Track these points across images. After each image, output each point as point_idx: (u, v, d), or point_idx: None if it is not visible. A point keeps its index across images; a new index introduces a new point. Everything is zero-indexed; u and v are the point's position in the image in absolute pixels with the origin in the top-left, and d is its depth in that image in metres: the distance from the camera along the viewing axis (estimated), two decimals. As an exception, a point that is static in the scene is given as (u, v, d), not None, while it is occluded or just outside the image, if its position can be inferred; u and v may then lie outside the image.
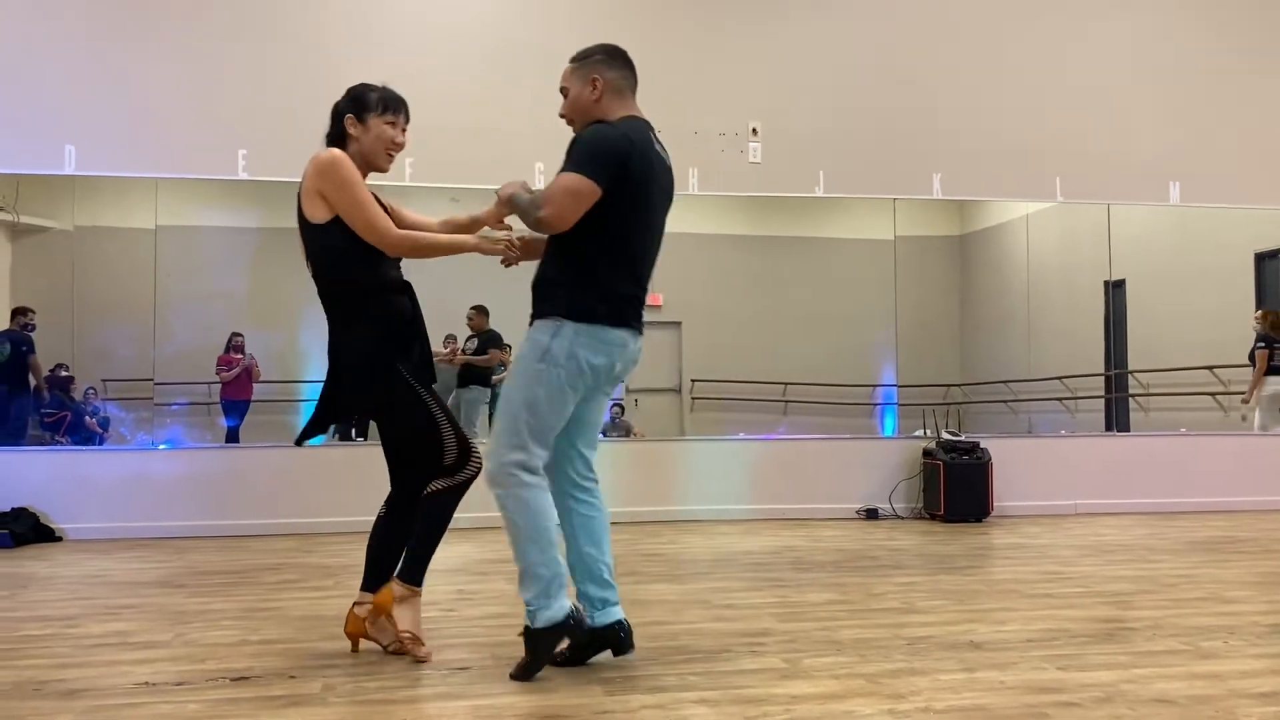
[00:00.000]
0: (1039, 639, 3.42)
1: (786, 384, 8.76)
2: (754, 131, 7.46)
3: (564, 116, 3.16)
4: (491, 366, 7.77)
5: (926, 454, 7.25)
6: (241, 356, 7.77)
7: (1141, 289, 8.65)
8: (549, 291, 3.01)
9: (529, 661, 2.96)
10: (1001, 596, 4.24)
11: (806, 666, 3.07)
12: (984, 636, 3.46)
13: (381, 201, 3.24)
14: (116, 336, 7.67)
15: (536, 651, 2.95)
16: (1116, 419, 8.66)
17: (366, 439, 6.99)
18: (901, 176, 7.62)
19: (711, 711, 2.63)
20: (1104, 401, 8.79)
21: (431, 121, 6.75)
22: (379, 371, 3.14)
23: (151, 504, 6.49)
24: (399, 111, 3.27)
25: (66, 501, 6.43)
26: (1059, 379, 8.79)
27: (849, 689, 2.82)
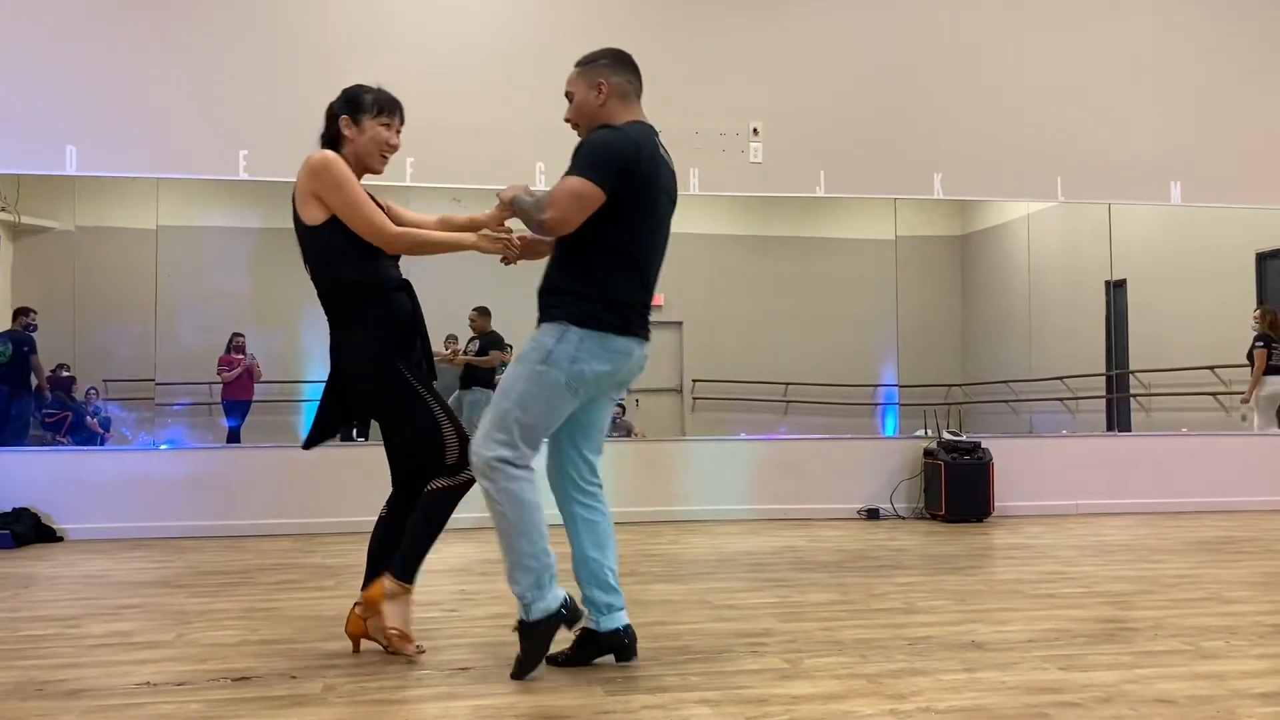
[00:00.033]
0: (1040, 639, 3.42)
1: (788, 384, 8.76)
2: (755, 132, 7.46)
3: (569, 121, 3.15)
4: (492, 367, 7.78)
5: (927, 454, 7.25)
6: (243, 357, 7.78)
7: (1143, 289, 8.65)
8: (555, 298, 2.99)
9: (525, 656, 2.95)
10: (1003, 596, 4.24)
11: (808, 667, 3.07)
12: (985, 637, 3.46)
13: (379, 201, 3.24)
14: (118, 337, 7.67)
15: (533, 644, 2.94)
16: (1118, 419, 8.66)
17: (368, 439, 6.99)
18: (902, 176, 7.62)
19: (713, 712, 2.63)
20: (1105, 401, 8.79)
21: (433, 122, 6.80)
22: (380, 370, 3.14)
23: (153, 504, 6.49)
24: (394, 113, 3.27)
25: (68, 502, 6.43)
26: (1060, 379, 8.78)
27: (850, 689, 2.82)
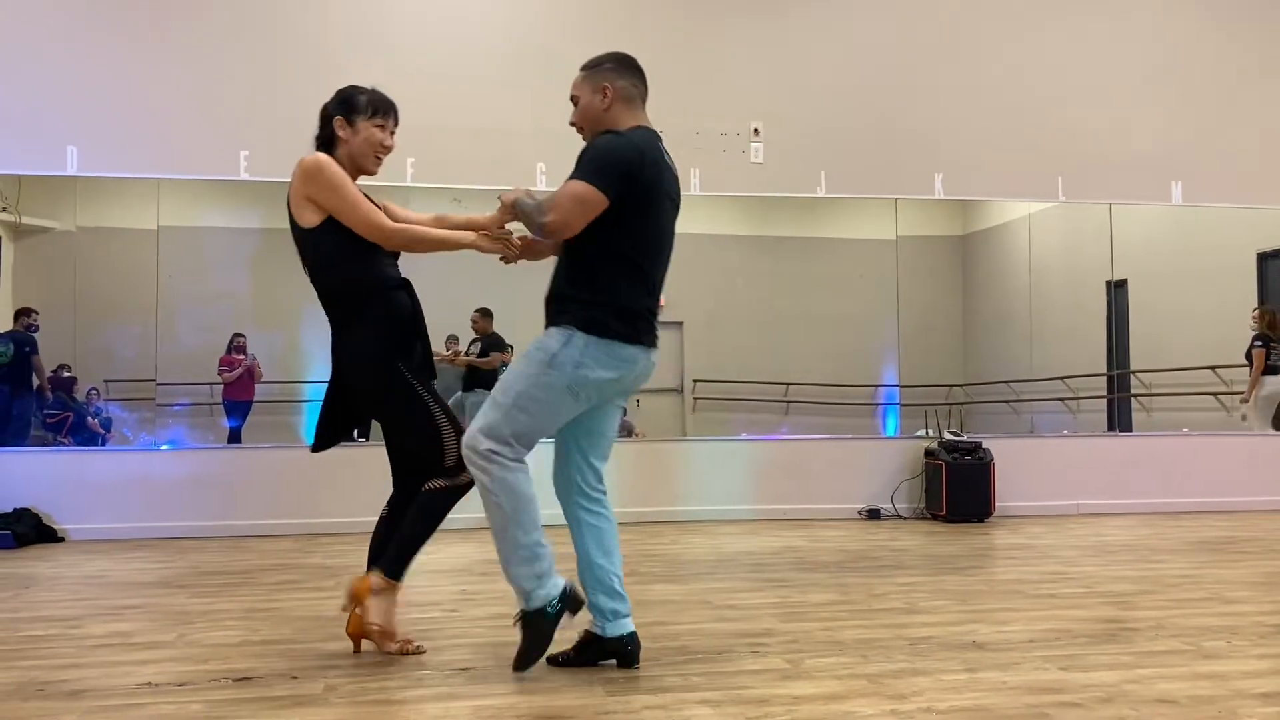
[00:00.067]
0: (1041, 639, 3.42)
1: (788, 384, 8.75)
2: (756, 132, 7.46)
3: (574, 124, 3.15)
4: (493, 368, 7.77)
5: (928, 454, 7.25)
6: (243, 357, 7.78)
7: (1144, 289, 8.65)
8: (563, 306, 3.00)
9: (528, 646, 2.93)
10: (1004, 597, 4.24)
11: (808, 667, 3.08)
12: (986, 637, 3.46)
13: (376, 202, 3.24)
14: (119, 337, 7.67)
15: (535, 634, 2.93)
16: (1119, 419, 8.65)
17: (368, 439, 6.99)
18: (903, 176, 7.61)
19: (714, 712, 2.63)
20: (1106, 401, 8.78)
21: (433, 122, 6.81)
22: (380, 370, 3.14)
23: (154, 505, 6.49)
24: (388, 114, 3.27)
25: (69, 502, 6.43)
26: (1061, 379, 8.78)
27: (851, 689, 2.83)
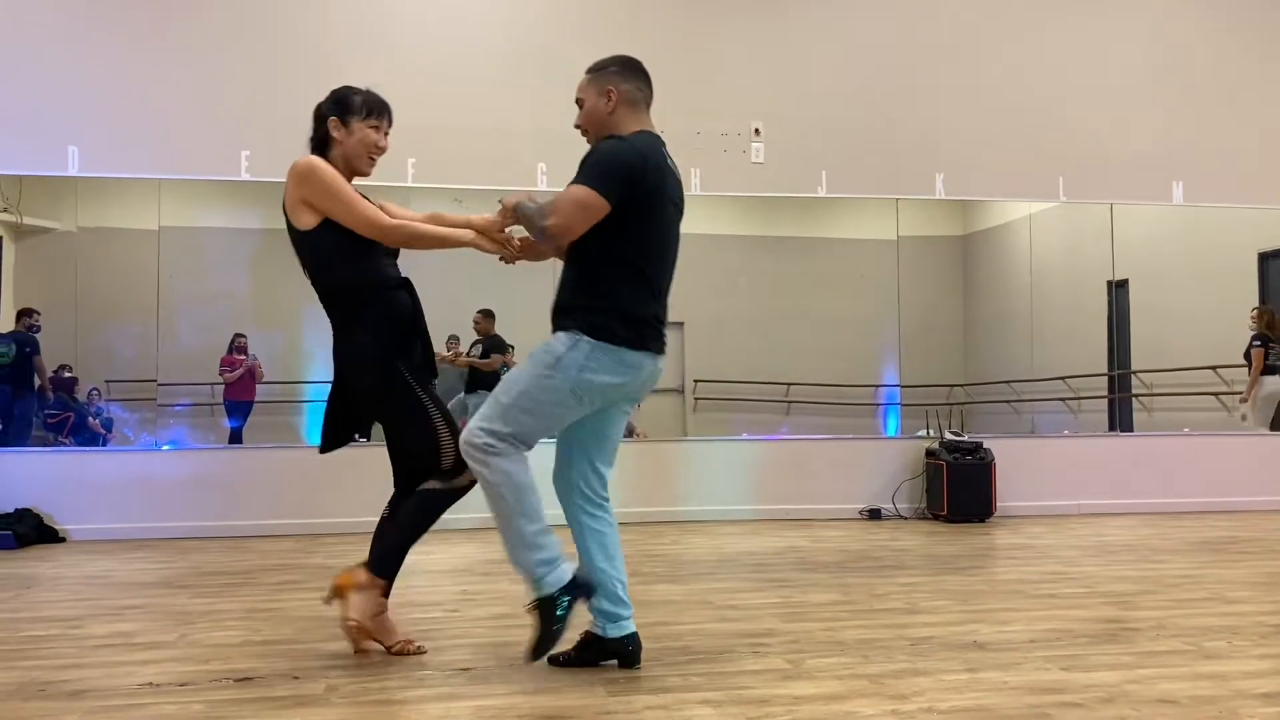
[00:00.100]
0: (1042, 639, 3.42)
1: (789, 384, 8.75)
2: (756, 132, 7.46)
3: (579, 127, 3.16)
4: (494, 370, 7.77)
5: (929, 454, 7.25)
6: (244, 357, 7.78)
7: (1145, 289, 8.64)
8: (568, 313, 3.00)
9: (543, 635, 2.91)
10: (1005, 597, 4.24)
11: (810, 667, 3.08)
12: (987, 637, 3.46)
13: (373, 202, 3.24)
14: (120, 337, 7.67)
15: (549, 621, 2.90)
16: (1120, 419, 8.65)
17: (369, 439, 7.00)
18: (904, 177, 7.61)
19: (715, 712, 2.63)
20: (1107, 402, 8.78)
21: (434, 122, 6.81)
22: (379, 371, 3.14)
23: (155, 505, 6.49)
24: (382, 115, 3.26)
25: (70, 502, 6.43)
26: (1062, 379, 8.77)
27: (852, 689, 2.83)
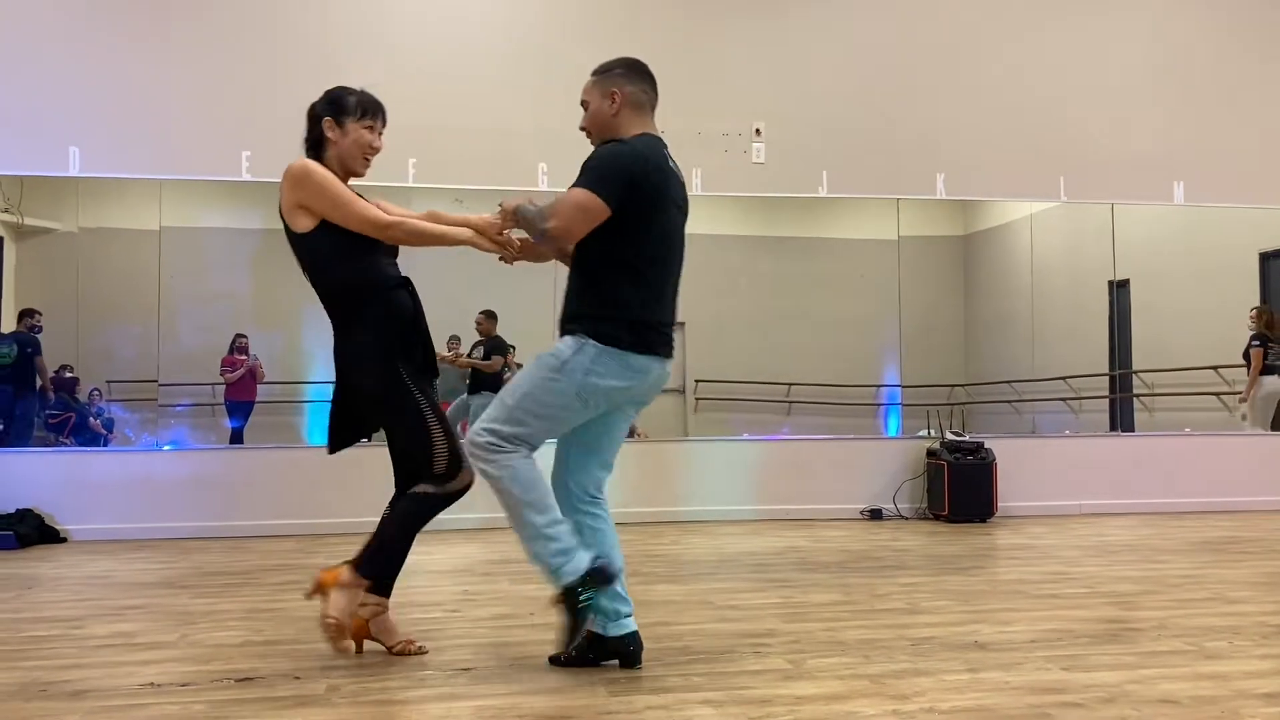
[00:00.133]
0: (1043, 639, 3.42)
1: (790, 384, 8.75)
2: (757, 132, 7.46)
3: (584, 129, 3.16)
4: (495, 371, 7.77)
5: (930, 454, 7.25)
6: (245, 358, 7.78)
7: (1146, 289, 8.64)
8: (576, 321, 3.00)
9: (570, 625, 2.92)
10: (1006, 597, 4.24)
11: (811, 667, 3.08)
12: (988, 637, 3.46)
13: (370, 201, 3.24)
14: (121, 338, 7.67)
15: (575, 609, 2.90)
16: (1121, 419, 8.65)
17: (371, 440, 7.01)
18: (905, 177, 7.61)
19: (716, 712, 2.63)
20: (1108, 402, 8.78)
21: (434, 122, 6.81)
22: (379, 372, 3.14)
23: (156, 505, 6.49)
24: (376, 115, 3.26)
25: (71, 503, 6.44)
26: (1063, 379, 8.77)
27: (853, 690, 2.82)
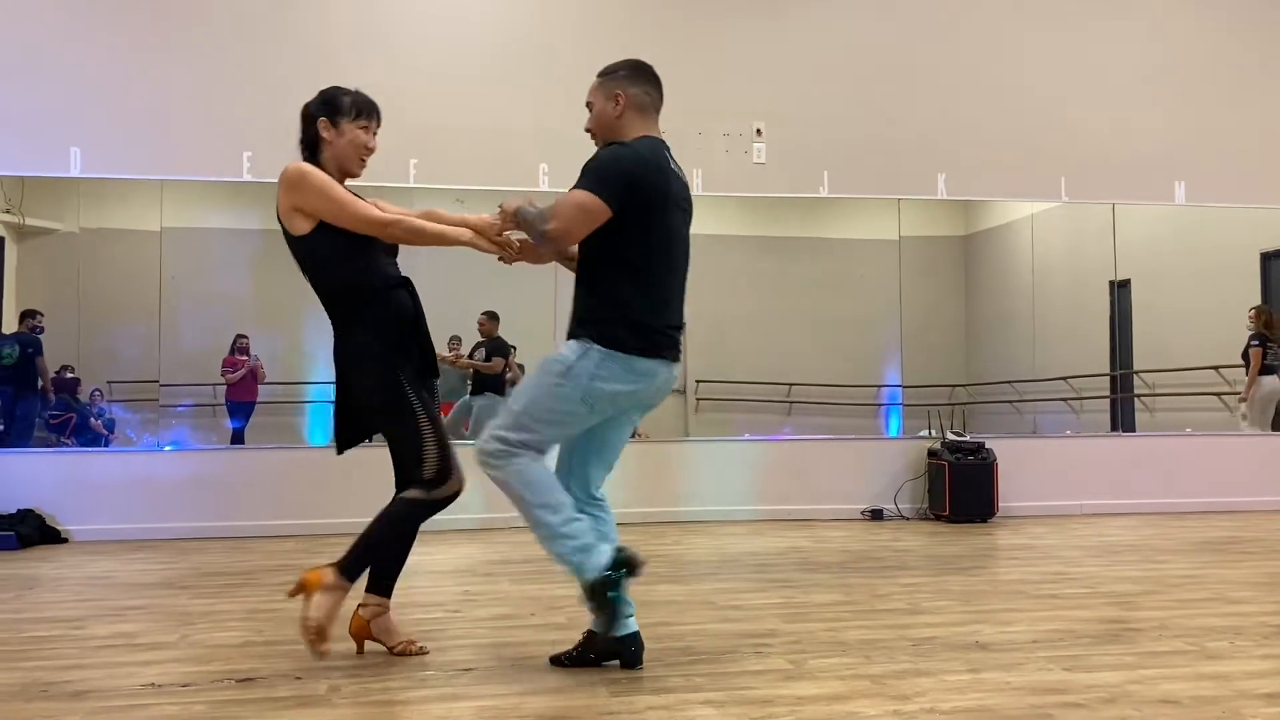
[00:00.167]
0: (1045, 640, 3.42)
1: (791, 385, 8.74)
2: (758, 132, 7.46)
3: (588, 130, 3.17)
4: (496, 373, 7.76)
5: (931, 454, 7.24)
6: (246, 358, 7.78)
7: (1147, 289, 8.63)
8: (582, 324, 3.00)
9: (602, 618, 2.95)
10: (1007, 597, 4.24)
11: (812, 667, 3.07)
12: (989, 637, 3.46)
13: (367, 200, 3.24)
14: (122, 338, 7.67)
15: (604, 602, 2.90)
16: (1122, 419, 8.64)
17: (373, 440, 6.99)
18: (906, 177, 7.61)
19: (717, 712, 2.63)
20: (1109, 402, 8.77)
21: (435, 123, 6.81)
22: (378, 372, 3.14)
23: (157, 505, 6.49)
24: (371, 115, 3.26)
25: (72, 503, 6.44)
26: (1064, 379, 8.76)
27: (854, 690, 2.82)
